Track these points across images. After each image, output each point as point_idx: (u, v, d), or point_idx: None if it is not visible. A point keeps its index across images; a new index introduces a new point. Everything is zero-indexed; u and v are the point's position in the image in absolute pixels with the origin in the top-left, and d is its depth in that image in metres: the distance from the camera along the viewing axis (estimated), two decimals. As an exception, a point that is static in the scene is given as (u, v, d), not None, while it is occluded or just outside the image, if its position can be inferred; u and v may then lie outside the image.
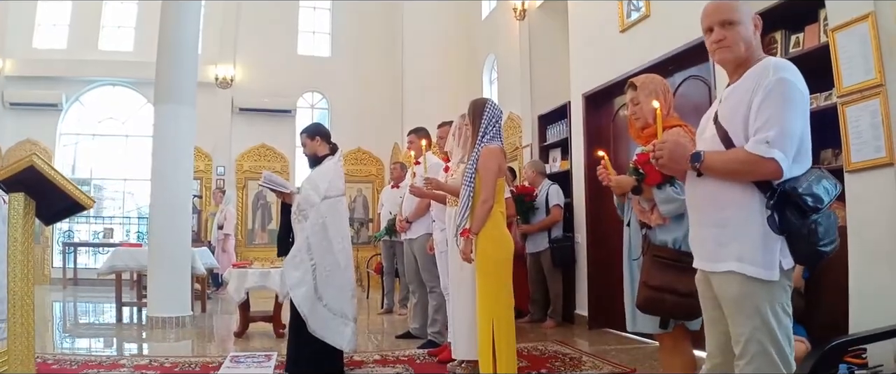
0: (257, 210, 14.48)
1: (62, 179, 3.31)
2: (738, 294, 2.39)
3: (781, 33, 4.97)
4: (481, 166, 4.43)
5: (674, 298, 3.14)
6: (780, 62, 2.45)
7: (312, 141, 5.21)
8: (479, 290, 4.38)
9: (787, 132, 2.31)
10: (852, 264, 3.94)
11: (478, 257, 4.36)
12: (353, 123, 14.72)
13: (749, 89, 2.42)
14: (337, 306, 4.90)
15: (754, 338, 2.34)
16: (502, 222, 4.49)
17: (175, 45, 8.16)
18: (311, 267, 4.86)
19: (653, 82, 3.63)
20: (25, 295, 3.22)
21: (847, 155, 4.04)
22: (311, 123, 5.38)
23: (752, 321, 2.35)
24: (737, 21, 2.54)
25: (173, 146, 8.05)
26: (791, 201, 2.31)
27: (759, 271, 2.34)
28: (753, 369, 2.33)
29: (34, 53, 13.77)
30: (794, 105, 2.35)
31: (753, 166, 2.34)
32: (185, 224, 8.27)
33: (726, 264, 2.42)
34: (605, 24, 7.24)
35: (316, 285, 4.85)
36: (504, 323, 4.27)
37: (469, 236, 4.36)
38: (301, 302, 4.81)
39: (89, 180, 14.41)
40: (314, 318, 4.80)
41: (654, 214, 3.37)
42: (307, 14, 15.76)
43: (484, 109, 4.62)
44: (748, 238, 2.38)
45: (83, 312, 9.73)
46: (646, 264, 3.37)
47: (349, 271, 5.09)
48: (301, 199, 4.98)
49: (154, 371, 5.18)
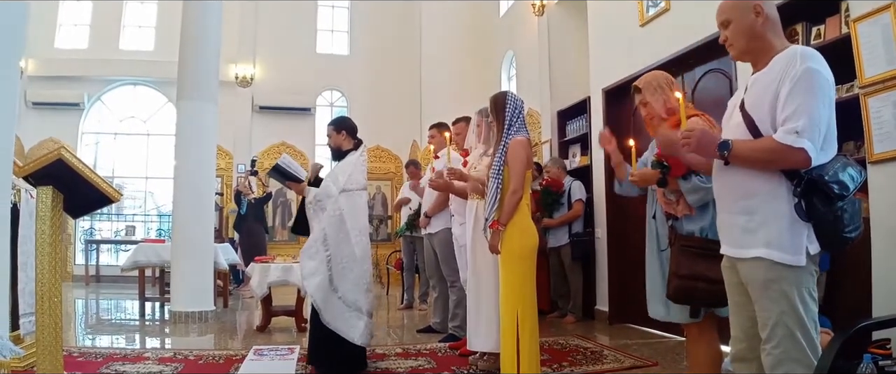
0: (278, 207, 14.55)
1: (90, 172, 3.36)
2: (765, 279, 2.41)
3: (802, 25, 4.94)
4: (511, 158, 4.40)
5: (706, 285, 3.13)
6: (806, 51, 2.45)
7: (338, 134, 5.26)
8: (502, 281, 4.35)
9: (815, 122, 2.32)
10: (875, 254, 3.93)
11: (503, 249, 4.33)
12: (372, 120, 14.69)
13: (776, 78, 2.43)
14: (351, 298, 4.93)
15: (781, 322, 2.36)
16: (528, 213, 4.48)
17: (197, 42, 8.24)
18: (326, 258, 4.89)
19: (655, 79, 3.62)
20: (53, 288, 3.26)
21: (869, 146, 4.02)
22: (340, 116, 5.42)
23: (779, 306, 2.37)
24: (729, 19, 2.61)
25: (196, 142, 8.14)
26: (818, 188, 2.33)
27: (787, 257, 2.36)
28: (780, 352, 2.36)
29: (56, 54, 13.94)
30: (822, 94, 2.36)
31: (783, 155, 2.35)
32: (208, 219, 8.35)
33: (754, 250, 2.44)
34: (624, 19, 7.22)
35: (331, 276, 4.88)
36: (528, 315, 4.25)
37: (498, 228, 4.32)
38: (314, 292, 4.85)
39: (111, 179, 14.44)
40: (327, 309, 4.84)
41: (680, 204, 3.36)
42: (326, 12, 15.84)
43: (506, 101, 4.60)
44: (776, 225, 2.40)
45: (106, 308, 9.83)
46: (674, 255, 3.36)
47: (365, 265, 5.09)
48: (320, 191, 5.02)
49: (178, 364, 5.23)
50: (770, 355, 2.39)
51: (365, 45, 15.42)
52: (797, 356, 2.34)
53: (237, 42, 14.30)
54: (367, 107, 14.99)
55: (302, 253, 5.05)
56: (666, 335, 6.18)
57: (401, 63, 15.08)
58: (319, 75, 15.10)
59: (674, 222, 3.44)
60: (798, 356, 2.34)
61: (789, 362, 2.35)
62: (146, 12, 14.80)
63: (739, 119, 2.56)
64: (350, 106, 15.34)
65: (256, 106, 14.59)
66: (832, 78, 2.43)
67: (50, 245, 3.26)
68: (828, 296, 4.41)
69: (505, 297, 4.33)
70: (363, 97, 15.17)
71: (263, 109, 14.61)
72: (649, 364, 5.17)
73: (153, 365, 5.17)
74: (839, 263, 4.32)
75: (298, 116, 14.88)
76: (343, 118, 5.48)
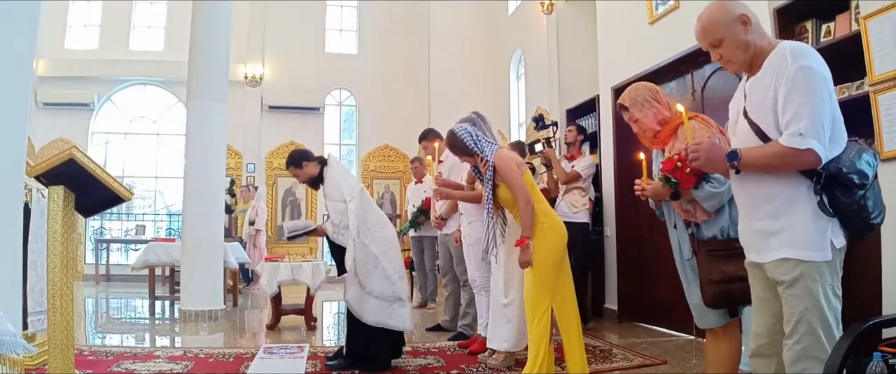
0: (286, 206, 14.60)
1: (101, 171, 3.38)
2: (791, 277, 2.42)
3: (812, 23, 4.93)
4: (504, 176, 4.29)
5: (741, 285, 3.08)
6: (795, 48, 2.44)
7: (302, 169, 5.25)
8: (534, 279, 4.18)
9: (818, 119, 2.32)
10: (886, 251, 3.91)
11: (537, 254, 4.16)
12: (381, 119, 14.81)
13: (772, 81, 2.43)
14: (386, 291, 5.01)
15: (805, 319, 2.38)
16: (548, 208, 4.37)
17: (206, 42, 8.28)
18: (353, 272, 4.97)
19: (638, 94, 3.56)
20: (65, 287, 3.28)
21: (880, 144, 4.00)
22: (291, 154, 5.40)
23: (804, 302, 2.39)
24: (721, 38, 2.59)
25: (206, 141, 8.17)
26: (838, 181, 2.36)
27: (813, 254, 2.38)
28: (801, 348, 2.38)
29: (66, 54, 13.99)
30: (818, 90, 2.35)
31: (792, 159, 2.36)
32: (217, 218, 8.38)
33: (780, 251, 2.45)
34: (633, 17, 7.22)
35: (360, 281, 4.97)
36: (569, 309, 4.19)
37: (527, 244, 4.14)
38: (351, 301, 4.98)
39: (121, 179, 14.41)
40: (365, 310, 4.95)
41: (698, 211, 3.34)
42: (334, 12, 15.84)
43: (458, 137, 4.52)
44: (801, 224, 2.41)
45: (116, 307, 9.87)
46: (702, 263, 3.31)
47: (390, 255, 5.13)
48: (334, 218, 5.09)
49: (188, 362, 5.26)
50: (791, 350, 2.41)
51: (373, 44, 15.42)
52: (817, 353, 2.36)
53: (246, 42, 14.33)
54: (375, 106, 15.05)
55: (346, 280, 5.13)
56: (675, 334, 6.17)
57: (409, 62, 15.08)
58: (328, 75, 15.09)
59: (694, 230, 3.42)
60: (817, 354, 2.35)
61: (808, 359, 2.37)
62: (156, 12, 14.85)
63: (746, 126, 2.56)
64: (358, 105, 15.36)
65: (266, 105, 14.62)
66: (826, 69, 2.42)
67: (61, 244, 3.28)
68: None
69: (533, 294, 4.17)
70: (372, 96, 15.18)
71: (273, 108, 14.63)
72: (658, 363, 5.17)
73: (163, 364, 5.20)
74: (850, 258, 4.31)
75: (307, 116, 14.89)
76: (292, 155, 5.40)
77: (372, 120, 14.84)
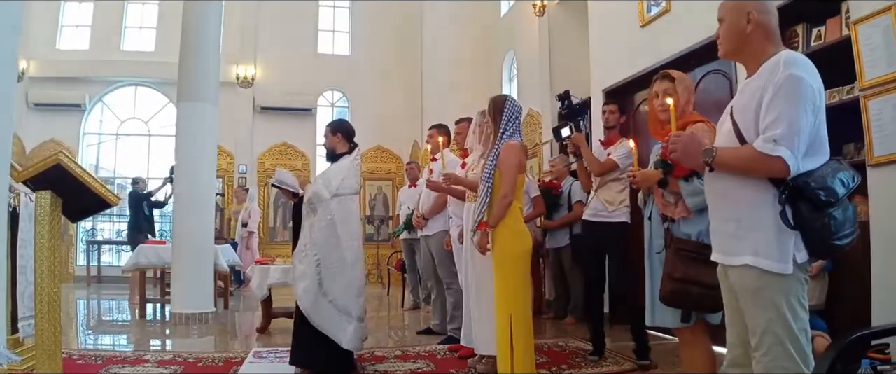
0: (279, 208, 14.57)
1: (88, 177, 3.36)
2: (753, 287, 2.40)
3: (803, 27, 4.94)
4: (502, 162, 4.38)
5: (700, 290, 3.11)
6: (791, 57, 2.42)
7: (334, 136, 5.24)
8: (496, 284, 4.34)
9: (795, 129, 2.29)
10: (875, 258, 3.91)
11: (496, 251, 4.32)
12: (373, 120, 14.76)
13: (762, 85, 2.41)
14: (342, 303, 4.89)
15: (770, 330, 2.35)
16: (520, 216, 4.47)
17: (197, 43, 8.25)
18: (315, 262, 4.87)
19: (687, 79, 3.62)
20: (52, 292, 3.27)
21: (870, 149, 4.01)
22: (338, 118, 5.44)
23: (768, 314, 2.36)
24: (722, 17, 2.62)
25: (196, 143, 8.13)
26: (804, 195, 2.31)
27: (773, 265, 2.34)
28: (769, 360, 2.34)
29: (58, 55, 13.95)
30: (803, 101, 2.32)
31: (761, 164, 2.34)
32: (208, 220, 8.35)
33: (742, 258, 2.43)
34: (625, 19, 7.22)
35: (320, 280, 4.86)
36: (521, 318, 4.22)
37: (486, 229, 4.32)
38: (302, 295, 4.84)
39: (113, 180, 14.56)
40: (316, 312, 4.81)
41: (678, 207, 3.35)
42: (327, 13, 15.85)
43: (504, 105, 4.57)
44: (763, 232, 2.38)
45: (107, 309, 9.84)
46: (669, 258, 3.34)
47: (357, 270, 5.06)
48: (312, 193, 5.01)
49: (178, 367, 5.23)
50: (760, 362, 2.38)
51: (366, 45, 15.41)
52: (786, 364, 2.32)
53: (238, 42, 14.33)
54: (368, 107, 15.01)
55: (293, 256, 5.07)
56: (664, 338, 6.16)
57: (402, 63, 15.07)
58: (321, 76, 15.08)
59: (670, 225, 3.43)
60: (787, 365, 2.32)
61: (778, 370, 2.34)
62: (147, 13, 14.81)
63: (729, 125, 2.55)
64: (351, 106, 15.34)
65: (258, 106, 14.59)
66: (818, 83, 2.39)
67: (49, 249, 3.27)
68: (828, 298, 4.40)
69: (498, 300, 4.31)
70: (364, 98, 15.17)
71: (265, 109, 14.61)
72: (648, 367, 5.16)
73: (152, 368, 5.18)
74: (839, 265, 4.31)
75: (300, 117, 14.87)
76: (341, 121, 5.48)
77: (364, 121, 14.74)
